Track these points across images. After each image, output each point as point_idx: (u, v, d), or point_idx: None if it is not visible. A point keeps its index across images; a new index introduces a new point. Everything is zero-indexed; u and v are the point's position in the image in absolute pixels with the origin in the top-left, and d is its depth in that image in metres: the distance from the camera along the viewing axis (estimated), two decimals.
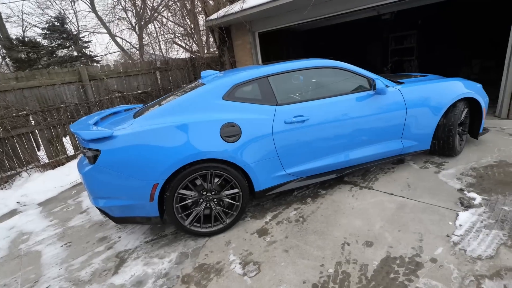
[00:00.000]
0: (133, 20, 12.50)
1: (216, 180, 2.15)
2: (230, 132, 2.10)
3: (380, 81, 2.43)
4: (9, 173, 4.14)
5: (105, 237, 2.48)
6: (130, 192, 2.00)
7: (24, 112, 4.21)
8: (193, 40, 8.39)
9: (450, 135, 2.79)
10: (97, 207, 2.14)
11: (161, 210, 2.11)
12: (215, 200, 2.20)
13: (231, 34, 6.65)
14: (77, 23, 14.52)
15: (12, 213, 3.38)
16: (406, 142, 2.73)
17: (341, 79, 2.60)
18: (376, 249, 1.79)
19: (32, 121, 4.36)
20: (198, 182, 2.12)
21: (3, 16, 12.75)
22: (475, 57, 7.56)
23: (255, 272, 1.77)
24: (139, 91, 5.53)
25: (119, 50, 13.95)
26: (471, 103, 2.97)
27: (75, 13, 14.71)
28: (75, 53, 14.41)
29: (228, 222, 2.24)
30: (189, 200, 2.13)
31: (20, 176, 4.21)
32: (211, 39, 9.31)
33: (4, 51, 13.35)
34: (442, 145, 2.86)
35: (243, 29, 6.30)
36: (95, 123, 2.33)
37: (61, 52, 14.21)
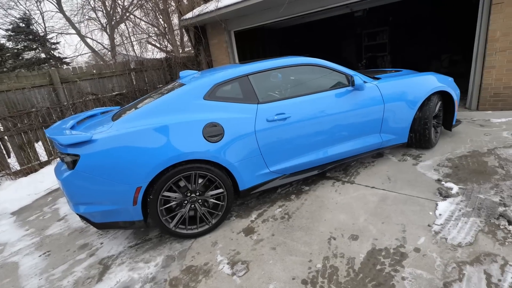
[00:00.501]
0: (103, 20, 12.03)
1: (200, 180, 2.13)
2: (213, 132, 2.08)
3: (358, 77, 2.49)
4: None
5: (86, 244, 2.38)
6: (112, 197, 1.94)
7: None
8: (167, 40, 8.21)
9: (426, 128, 2.92)
10: (77, 214, 2.05)
11: (145, 214, 2.06)
12: (200, 201, 2.17)
13: (207, 33, 6.57)
14: (44, 24, 13.81)
15: None
16: (384, 136, 2.82)
17: (321, 76, 2.65)
18: (361, 242, 1.84)
19: (1, 127, 4.09)
20: (182, 183, 2.09)
21: None
22: (444, 51, 7.96)
23: (244, 271, 1.77)
24: (114, 93, 5.34)
25: (90, 51, 13.38)
26: (444, 96, 3.12)
27: (41, 13, 14.00)
28: (43, 55, 13.67)
29: (214, 223, 2.23)
30: (174, 202, 2.09)
31: None
32: (186, 39, 9.18)
33: None
34: (419, 137, 2.99)
35: (219, 28, 6.25)
36: (72, 127, 2.23)
37: (28, 54, 13.44)
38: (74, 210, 2.00)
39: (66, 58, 14.38)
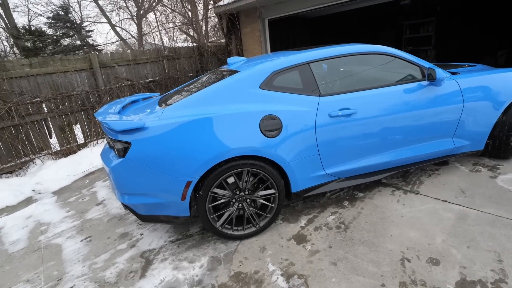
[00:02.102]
0: (133, 9, 12.20)
1: (251, 179, 1.92)
2: (271, 126, 1.85)
3: (440, 70, 2.11)
4: (23, 159, 4.01)
5: (126, 233, 2.29)
6: (161, 190, 1.79)
7: (38, 99, 4.03)
8: (193, 28, 8.06)
9: (510, 135, 2.47)
10: (122, 204, 1.94)
11: (191, 210, 1.90)
12: (248, 200, 1.97)
13: (240, 21, 6.29)
14: (80, 12, 14.34)
15: (28, 201, 3.24)
16: (458, 141, 2.43)
17: (390, 67, 2.29)
18: (445, 269, 1.54)
19: (45, 108, 4.19)
20: (231, 180, 1.89)
21: (11, 6, 12.68)
22: (501, 47, 7.00)
23: (302, 287, 1.54)
24: (147, 80, 5.30)
25: (119, 40, 13.70)
26: None
27: (79, 2, 14.54)
28: (78, 42, 14.25)
29: (262, 225, 2.02)
30: (222, 200, 1.91)
31: (33, 163, 4.08)
32: (210, 28, 8.98)
33: (12, 40, 13.31)
34: (498, 145, 2.55)
35: (253, 15, 5.93)
36: (118, 112, 2.11)
37: (65, 41, 14.07)
38: (120, 200, 1.88)
39: (98, 45, 14.92)
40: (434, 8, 7.75)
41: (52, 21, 14.27)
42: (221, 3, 6.04)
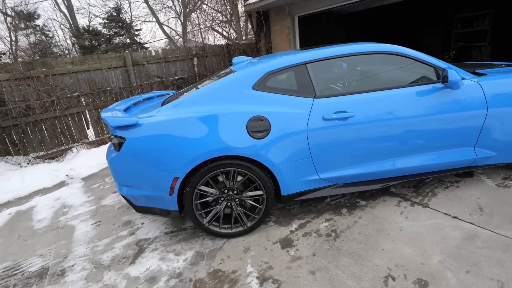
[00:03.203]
0: (179, 9, 12.86)
1: (239, 178, 1.94)
2: (258, 127, 1.84)
3: (455, 72, 1.88)
4: (63, 147, 4.56)
5: (129, 221, 2.49)
6: (151, 183, 1.91)
7: (77, 93, 4.53)
8: (231, 26, 8.18)
9: None
10: (121, 194, 2.11)
11: (181, 205, 1.99)
12: (237, 200, 1.99)
13: (269, 19, 6.24)
14: (131, 13, 15.59)
15: (61, 184, 3.68)
16: (481, 151, 2.13)
17: (399, 67, 2.10)
18: None
19: (84, 102, 4.69)
20: (220, 178, 1.93)
21: (74, 8, 14.37)
22: None
23: None
24: (176, 77, 5.58)
25: (165, 37, 14.58)
26: None
27: (129, 4, 15.83)
28: (128, 40, 15.52)
29: (249, 226, 2.03)
30: (209, 198, 1.96)
31: (71, 151, 4.61)
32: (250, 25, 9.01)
33: (74, 39, 15.09)
34: None
35: (282, 13, 5.84)
36: (127, 109, 2.28)
37: (116, 40, 15.44)
38: (118, 191, 2.05)
39: (145, 43, 16.11)
40: None
41: (106, 21, 15.85)
42: (250, 1, 6.09)
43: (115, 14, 15.70)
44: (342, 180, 2.08)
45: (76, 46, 15.38)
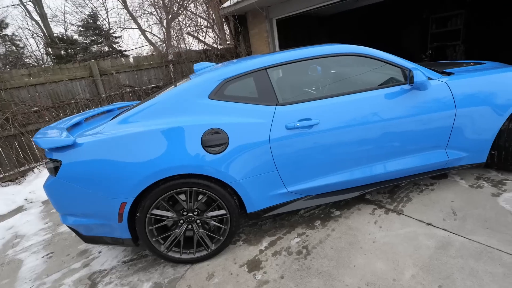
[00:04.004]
0: (160, 14, 12.54)
1: (200, 197, 1.76)
2: (214, 141, 1.67)
3: (420, 72, 1.80)
4: (22, 168, 4.19)
5: (85, 251, 2.24)
6: (96, 211, 1.69)
7: (36, 108, 4.19)
8: (214, 31, 8.00)
9: None
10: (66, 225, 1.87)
11: (134, 232, 1.78)
12: (199, 221, 1.81)
13: (247, 23, 6.13)
14: (108, 20, 15.10)
15: (18, 210, 3.35)
16: (453, 152, 2.07)
17: (366, 70, 2.01)
18: None
19: (46, 117, 4.35)
20: (182, 198, 1.75)
21: (48, 16, 13.75)
22: None
23: None
24: (150, 86, 5.33)
25: (148, 44, 14.17)
26: None
27: (107, 11, 15.34)
28: (106, 48, 15.00)
29: (214, 249, 1.85)
30: (166, 222, 1.77)
31: (32, 171, 4.25)
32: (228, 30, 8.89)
33: (48, 49, 14.39)
34: (505, 157, 2.14)
35: (260, 16, 5.75)
36: (75, 126, 2.05)
37: (94, 48, 14.90)
38: (62, 221, 1.81)
39: (126, 51, 15.60)
40: None
41: (82, 29, 15.24)
42: (225, 4, 5.94)
43: (91, 21, 15.16)
44: (312, 191, 1.95)
45: (50, 55, 14.68)
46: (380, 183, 2.03)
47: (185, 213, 1.77)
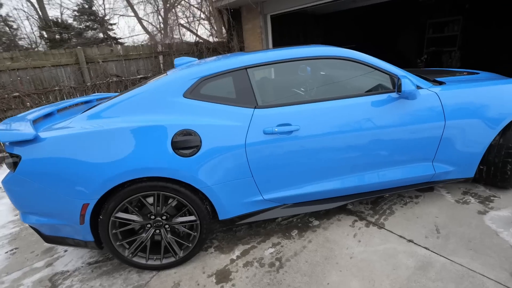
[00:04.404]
0: (158, 3, 12.23)
1: (170, 201, 1.65)
2: (186, 143, 1.55)
3: (409, 81, 1.69)
4: (1, 154, 4.04)
5: (51, 248, 2.12)
6: (57, 211, 1.58)
7: (17, 93, 4.02)
8: (210, 23, 7.80)
9: (507, 162, 1.98)
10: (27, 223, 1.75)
11: (98, 234, 1.67)
12: (167, 226, 1.70)
13: (241, 17, 5.97)
14: (104, 6, 14.70)
15: None
16: (440, 166, 1.98)
17: (354, 75, 1.91)
18: None
19: (28, 103, 4.18)
20: (150, 201, 1.63)
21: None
22: None
23: None
24: (138, 76, 5.16)
25: (144, 32, 13.87)
26: None
27: None
28: (101, 35, 14.66)
29: (182, 256, 1.74)
30: (132, 226, 1.66)
31: None
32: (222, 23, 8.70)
33: (42, 32, 14.01)
34: (494, 173, 2.06)
35: (254, 11, 5.59)
36: (46, 116, 1.91)
37: (88, 34, 14.55)
38: (22, 219, 1.69)
39: (120, 38, 15.24)
40: (463, 5, 6.90)
41: (77, 14, 14.85)
42: None
43: (87, 6, 14.78)
44: (290, 200, 1.85)
45: (44, 39, 14.31)
46: (361, 194, 1.94)
47: (153, 217, 1.66)
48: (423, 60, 7.47)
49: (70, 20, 14.87)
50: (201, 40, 6.32)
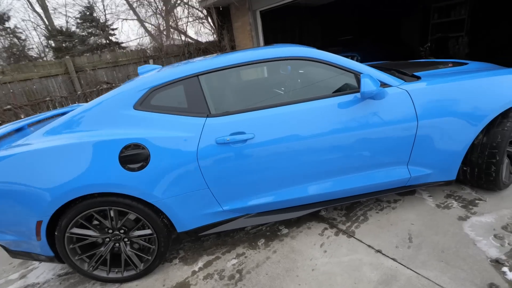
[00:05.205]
0: (159, 5, 12.30)
1: (126, 215, 1.63)
2: (134, 157, 1.52)
3: (369, 80, 1.55)
4: None
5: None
6: (15, 227, 1.60)
7: (9, 106, 4.16)
8: (200, 23, 7.75)
9: (491, 162, 1.81)
10: None
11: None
12: (127, 240, 1.69)
13: (231, 15, 5.85)
14: (104, 11, 14.94)
15: None
16: (415, 169, 1.84)
17: (317, 76, 1.80)
18: None
19: (22, 116, 4.32)
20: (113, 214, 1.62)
21: (50, 9, 13.77)
22: None
23: None
24: None
25: (147, 35, 14.02)
26: None
27: (103, 2, 15.16)
28: (104, 41, 14.93)
29: (142, 269, 1.72)
30: (89, 241, 1.66)
31: None
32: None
33: (47, 41, 14.47)
34: (478, 174, 1.90)
35: (243, 8, 5.47)
36: (17, 131, 1.95)
37: (91, 40, 14.86)
38: None
39: (123, 43, 15.49)
40: None
41: (79, 21, 15.22)
42: None
43: (88, 13, 15.08)
44: (252, 209, 1.79)
45: (50, 48, 14.77)
46: (330, 201, 1.84)
47: (110, 231, 1.65)
48: (426, 48, 7.05)
49: (73, 28, 15.25)
50: (192, 41, 6.28)
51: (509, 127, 1.76)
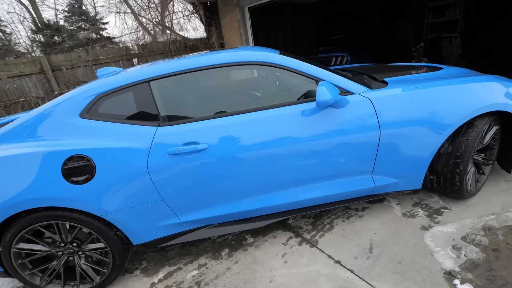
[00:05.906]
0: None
1: (77, 228, 1.56)
2: (77, 169, 1.44)
3: (325, 88, 1.48)
4: None
5: None
6: None
7: None
8: (186, 18, 7.54)
9: (455, 171, 1.77)
10: None
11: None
12: (81, 253, 1.63)
13: (219, 11, 5.68)
14: (94, 4, 14.44)
15: None
16: (380, 178, 1.80)
17: (282, 82, 1.73)
18: None
19: None
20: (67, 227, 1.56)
21: (37, 0, 13.21)
22: None
23: None
24: None
25: (142, 29, 13.65)
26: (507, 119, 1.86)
27: None
28: (94, 35, 14.50)
29: (99, 282, 1.68)
30: (39, 255, 1.59)
31: None
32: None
33: (34, 36, 13.98)
34: (443, 183, 1.86)
35: (230, 4, 5.30)
36: None
37: (81, 35, 14.42)
38: None
39: (114, 38, 15.05)
40: None
41: (67, 15, 14.72)
42: None
43: (76, 6, 14.59)
44: (213, 220, 1.74)
45: (37, 43, 14.27)
46: (292, 211, 1.80)
47: (62, 245, 1.59)
48: (419, 49, 6.92)
49: (62, 22, 14.75)
50: (178, 38, 6.10)
51: (473, 136, 1.72)
